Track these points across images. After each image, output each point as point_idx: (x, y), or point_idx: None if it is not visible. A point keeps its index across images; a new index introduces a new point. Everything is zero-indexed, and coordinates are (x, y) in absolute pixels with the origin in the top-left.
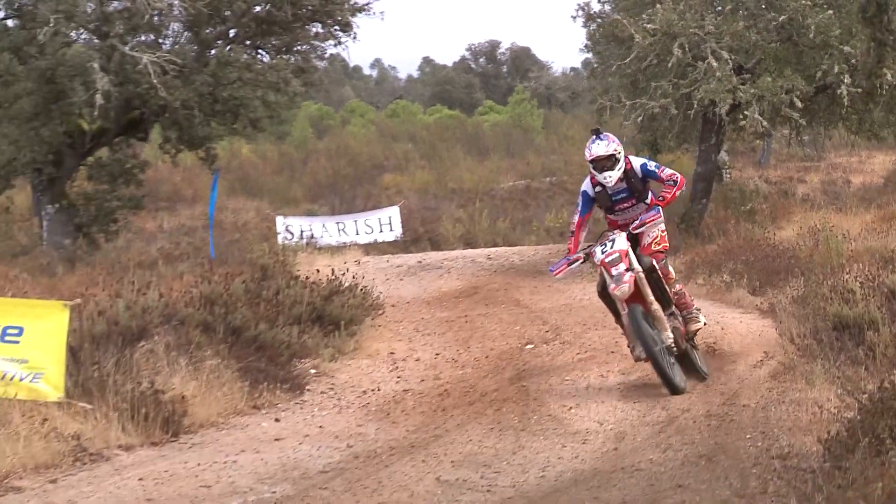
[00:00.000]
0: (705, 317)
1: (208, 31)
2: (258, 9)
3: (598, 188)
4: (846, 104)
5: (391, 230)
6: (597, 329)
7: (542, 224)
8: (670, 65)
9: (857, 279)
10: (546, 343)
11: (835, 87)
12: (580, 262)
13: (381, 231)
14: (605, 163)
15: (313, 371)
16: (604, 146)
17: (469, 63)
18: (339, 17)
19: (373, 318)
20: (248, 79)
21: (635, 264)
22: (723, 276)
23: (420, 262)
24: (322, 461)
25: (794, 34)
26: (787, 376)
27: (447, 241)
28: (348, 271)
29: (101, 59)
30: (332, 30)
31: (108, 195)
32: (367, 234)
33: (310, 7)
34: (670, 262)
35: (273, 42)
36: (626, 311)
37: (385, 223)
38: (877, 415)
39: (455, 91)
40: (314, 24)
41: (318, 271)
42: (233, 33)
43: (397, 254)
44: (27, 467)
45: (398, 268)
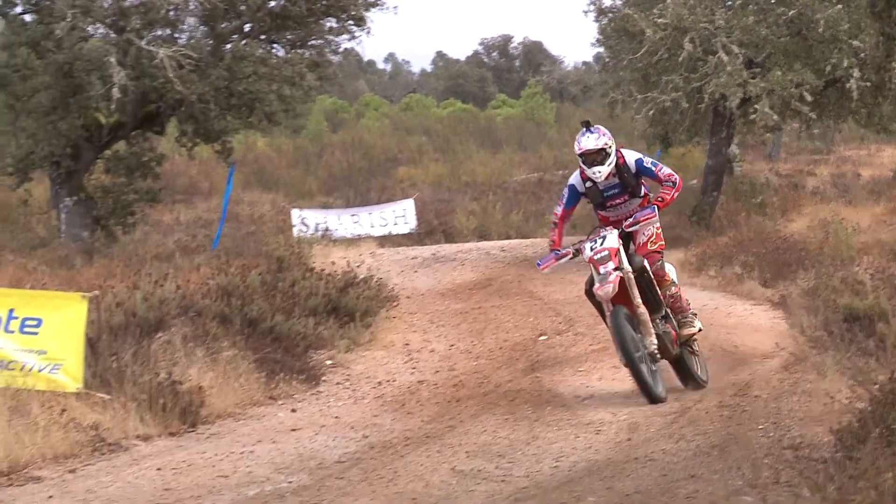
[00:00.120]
0: (721, 308)
1: (224, 25)
2: (273, 3)
3: (589, 183)
4: (855, 98)
5: (406, 222)
6: None
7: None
8: (681, 59)
9: (868, 271)
10: (559, 334)
11: (844, 81)
12: (569, 258)
13: (395, 223)
14: (595, 157)
15: (329, 362)
16: (593, 139)
17: (482, 57)
18: (353, 12)
19: (388, 310)
20: (263, 73)
21: (625, 264)
22: (734, 268)
23: (434, 255)
24: (338, 451)
25: (804, 28)
26: (799, 367)
27: (461, 233)
28: (363, 263)
29: (117, 53)
30: (346, 24)
31: (125, 188)
32: (381, 226)
33: (324, 2)
34: (679, 256)
35: (288, 37)
36: (610, 312)
37: (400, 215)
38: (888, 405)
39: (468, 85)
40: (328, 18)
41: (334, 263)
42: (248, 28)
43: (412, 246)
44: (46, 457)
45: (413, 260)
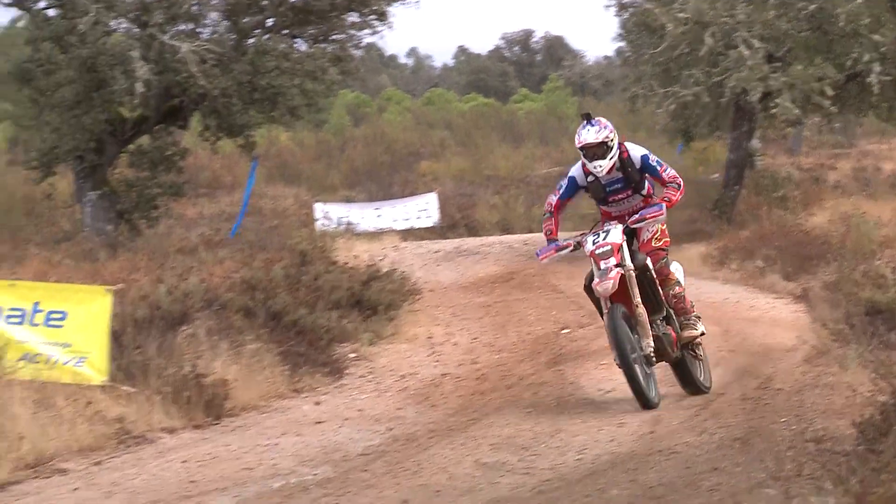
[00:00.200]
0: (743, 302)
1: (246, 20)
2: None
3: (591, 177)
4: (876, 92)
5: (428, 216)
6: None
7: (576, 211)
8: (702, 53)
9: (889, 264)
10: (582, 327)
11: (865, 75)
12: (570, 250)
13: (418, 217)
14: (596, 150)
15: (353, 355)
16: (594, 132)
17: (503, 52)
18: (375, 7)
19: (411, 303)
20: (285, 67)
21: (627, 261)
22: (756, 262)
23: (457, 248)
24: (362, 444)
25: (825, 23)
26: (821, 360)
27: (483, 227)
28: (386, 257)
29: (141, 48)
30: (368, 19)
31: (148, 182)
32: (404, 220)
33: None
34: (701, 250)
35: (310, 31)
36: (607, 310)
37: (422, 209)
38: None
39: (490, 79)
40: (350, 13)
41: (357, 257)
42: (270, 22)
43: (434, 240)
44: (72, 450)
45: (435, 253)
